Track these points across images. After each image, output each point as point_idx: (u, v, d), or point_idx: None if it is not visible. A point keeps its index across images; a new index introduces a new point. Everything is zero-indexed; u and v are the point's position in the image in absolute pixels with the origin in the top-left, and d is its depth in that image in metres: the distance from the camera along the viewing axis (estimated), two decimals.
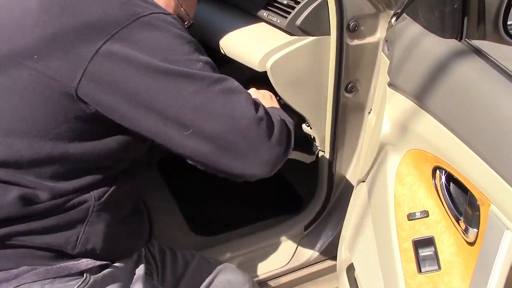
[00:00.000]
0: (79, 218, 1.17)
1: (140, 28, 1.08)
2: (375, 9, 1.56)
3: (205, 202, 2.08)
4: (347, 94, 1.66)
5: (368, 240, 1.35)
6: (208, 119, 1.07)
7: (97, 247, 1.19)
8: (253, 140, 1.10)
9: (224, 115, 1.08)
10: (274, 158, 1.12)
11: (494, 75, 0.99)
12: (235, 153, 1.10)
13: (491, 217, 0.91)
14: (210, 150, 1.10)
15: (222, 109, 1.08)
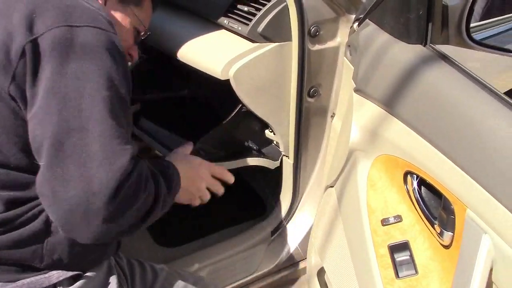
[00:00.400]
0: (41, 229, 1.12)
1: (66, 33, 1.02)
2: (335, 14, 1.57)
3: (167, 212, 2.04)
4: (310, 99, 1.66)
5: (340, 245, 1.35)
6: (63, 160, 0.99)
7: (63, 257, 1.15)
8: (90, 215, 0.99)
9: (81, 173, 0.98)
10: (100, 234, 1.03)
11: (461, 80, 1.01)
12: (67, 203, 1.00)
13: (468, 222, 0.92)
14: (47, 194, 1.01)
15: (84, 162, 0.99)
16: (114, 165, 1.01)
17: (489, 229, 0.88)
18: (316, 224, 1.55)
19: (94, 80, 1.01)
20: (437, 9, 1.11)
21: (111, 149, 1.01)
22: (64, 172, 0.99)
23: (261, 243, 1.83)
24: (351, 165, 1.26)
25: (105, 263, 1.31)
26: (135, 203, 1.06)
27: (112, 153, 1.01)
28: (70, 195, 1.00)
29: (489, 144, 0.90)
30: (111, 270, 1.31)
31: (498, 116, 0.91)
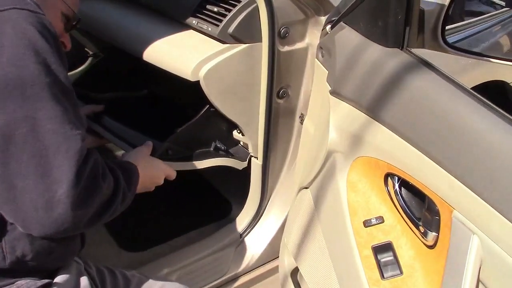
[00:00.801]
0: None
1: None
2: (304, 15, 1.58)
3: (130, 216, 1.99)
4: (279, 100, 1.67)
5: (317, 246, 1.36)
6: (19, 157, 0.95)
7: (26, 252, 1.11)
8: (53, 206, 0.97)
9: (37, 160, 0.95)
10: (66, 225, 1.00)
11: (443, 84, 1.04)
12: (28, 206, 0.97)
13: (455, 223, 0.95)
14: (3, 192, 0.97)
15: (39, 151, 0.96)
16: (70, 151, 0.98)
17: (477, 229, 0.91)
18: (289, 225, 1.55)
19: (32, 66, 0.97)
20: (415, 14, 1.13)
21: (64, 134, 0.98)
22: (19, 165, 0.96)
23: (230, 245, 1.82)
24: (330, 166, 1.27)
25: (74, 270, 1.28)
26: (95, 190, 1.04)
27: (65, 138, 0.98)
28: (29, 187, 0.96)
29: (476, 147, 0.92)
30: (81, 275, 1.28)
31: (484, 119, 0.93)
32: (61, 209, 0.97)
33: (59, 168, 0.97)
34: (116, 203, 1.14)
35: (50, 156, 0.97)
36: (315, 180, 1.36)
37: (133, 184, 1.24)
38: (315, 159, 1.38)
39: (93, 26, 1.77)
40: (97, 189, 1.05)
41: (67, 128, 0.99)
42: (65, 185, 0.97)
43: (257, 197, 1.81)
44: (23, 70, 0.96)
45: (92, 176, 1.04)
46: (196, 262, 1.77)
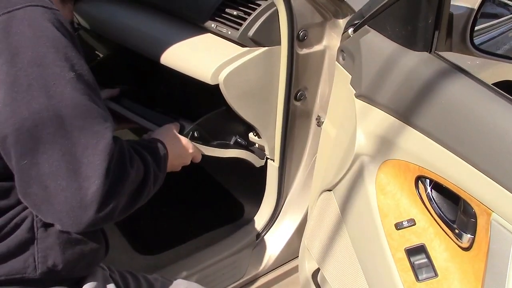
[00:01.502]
0: (28, 238, 1.08)
1: (10, 21, 0.95)
2: (323, 18, 1.59)
3: (143, 219, 1.99)
4: (296, 103, 1.67)
5: (343, 249, 1.37)
6: (49, 157, 0.95)
7: (57, 262, 1.11)
8: (87, 204, 0.97)
9: (68, 159, 0.95)
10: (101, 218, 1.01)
11: (478, 88, 1.05)
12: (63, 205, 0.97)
13: (495, 225, 0.96)
14: (39, 194, 0.98)
15: (69, 150, 0.95)
16: (99, 146, 0.98)
17: None
18: (310, 227, 1.56)
19: (55, 63, 0.96)
20: (444, 18, 1.14)
21: (92, 130, 0.98)
22: (51, 165, 0.96)
23: (247, 247, 1.83)
24: (357, 169, 1.28)
25: (101, 277, 1.28)
26: (126, 179, 1.04)
27: (94, 133, 0.98)
28: (62, 187, 0.96)
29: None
30: (108, 282, 1.28)
31: None
32: (96, 205, 0.98)
33: (90, 165, 0.97)
34: (149, 186, 1.14)
35: (80, 154, 0.97)
36: (340, 182, 1.37)
37: (162, 163, 1.24)
38: (339, 162, 1.39)
39: (108, 30, 1.77)
40: (127, 177, 1.05)
41: (94, 122, 0.99)
42: (97, 181, 0.97)
43: (273, 199, 1.82)
44: (45, 69, 0.96)
45: (120, 165, 1.03)
46: (213, 265, 1.77)
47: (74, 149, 0.96)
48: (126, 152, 1.08)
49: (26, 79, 0.94)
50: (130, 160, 1.08)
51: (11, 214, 1.06)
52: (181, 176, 1.44)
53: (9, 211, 1.07)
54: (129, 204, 1.10)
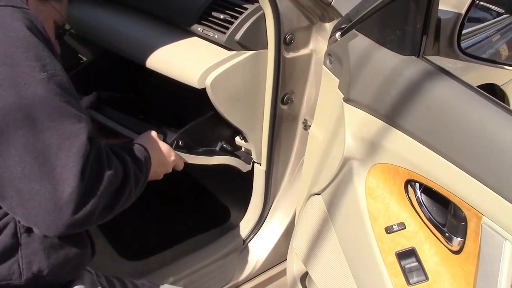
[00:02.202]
0: (11, 244, 1.06)
1: None
2: (309, 22, 1.59)
3: (128, 224, 1.98)
4: (283, 106, 1.67)
5: (331, 252, 1.38)
6: (22, 159, 0.92)
7: (43, 267, 1.09)
8: (62, 206, 0.95)
9: (41, 161, 0.93)
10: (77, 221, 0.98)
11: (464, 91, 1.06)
12: (37, 209, 0.95)
13: (485, 229, 0.97)
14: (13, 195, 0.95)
15: (42, 151, 0.93)
16: (73, 147, 0.96)
17: (510, 236, 0.93)
18: (297, 231, 1.56)
19: (25, 63, 0.94)
20: (432, 22, 1.15)
21: (65, 131, 0.96)
22: (23, 168, 0.93)
23: (234, 252, 1.82)
24: (346, 173, 1.28)
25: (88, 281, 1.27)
26: (102, 180, 1.01)
27: (67, 134, 0.96)
28: (35, 190, 0.94)
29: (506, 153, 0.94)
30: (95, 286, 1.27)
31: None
32: (71, 208, 0.95)
33: (64, 167, 0.94)
34: (129, 187, 1.12)
35: (53, 156, 0.94)
36: (329, 186, 1.37)
37: (144, 165, 1.22)
38: (327, 166, 1.39)
39: (92, 33, 1.75)
40: (104, 179, 1.02)
41: (67, 123, 0.96)
42: (72, 183, 0.94)
43: (260, 202, 1.81)
44: (15, 68, 0.93)
45: (97, 167, 1.01)
46: (200, 270, 1.76)
47: (47, 150, 0.94)
48: (103, 153, 1.05)
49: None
50: (108, 161, 1.05)
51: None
52: (166, 180, 1.43)
53: None
54: (109, 206, 1.07)
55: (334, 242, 1.36)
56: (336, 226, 1.34)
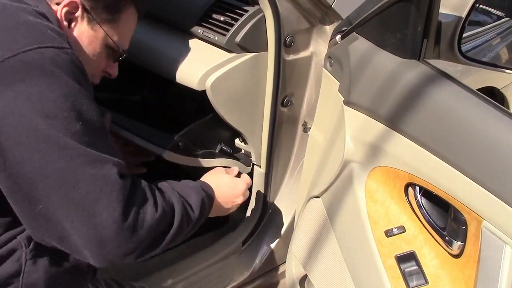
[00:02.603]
0: (13, 272, 1.06)
1: (16, 65, 0.93)
2: (309, 24, 1.59)
3: None
4: (283, 108, 1.67)
5: (330, 255, 1.37)
6: (63, 204, 0.94)
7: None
8: (104, 244, 0.97)
9: (82, 208, 0.94)
10: (124, 258, 1.01)
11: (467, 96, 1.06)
12: (80, 244, 0.98)
13: (486, 233, 0.97)
14: (56, 234, 0.98)
15: (82, 199, 0.94)
16: (113, 192, 0.96)
17: (510, 240, 0.93)
18: (297, 234, 1.55)
19: (62, 114, 0.94)
20: (433, 26, 1.15)
21: (104, 176, 0.96)
22: (66, 212, 0.95)
23: (233, 254, 1.82)
24: (346, 176, 1.28)
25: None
26: (144, 224, 1.01)
27: (106, 180, 0.97)
28: (79, 231, 0.96)
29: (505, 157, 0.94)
30: None
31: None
32: (111, 247, 0.97)
33: (105, 211, 0.96)
34: (176, 228, 1.10)
35: (94, 201, 0.95)
36: (329, 189, 1.37)
37: (200, 205, 1.19)
38: (327, 168, 1.39)
39: None
40: (147, 223, 1.02)
41: (105, 169, 0.97)
42: (112, 226, 0.96)
43: (259, 205, 1.81)
44: (53, 121, 0.93)
45: (140, 210, 1.01)
46: (199, 272, 1.76)
47: (89, 197, 0.95)
48: (149, 196, 1.05)
49: (34, 128, 0.92)
50: (155, 203, 1.06)
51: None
52: None
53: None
54: (150, 247, 1.06)
55: (333, 245, 1.36)
56: (336, 229, 1.34)
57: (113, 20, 1.20)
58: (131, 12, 1.25)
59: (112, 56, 1.26)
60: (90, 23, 1.16)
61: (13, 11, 0.99)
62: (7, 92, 0.91)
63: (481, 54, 1.49)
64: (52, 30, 1.00)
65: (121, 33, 1.24)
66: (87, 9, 1.13)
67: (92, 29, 1.17)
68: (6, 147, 0.91)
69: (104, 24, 1.18)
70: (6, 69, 0.92)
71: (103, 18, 1.17)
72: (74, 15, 1.12)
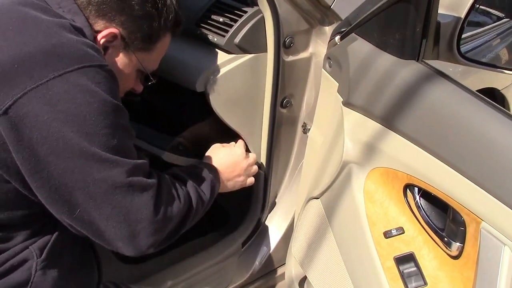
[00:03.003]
0: (21, 281, 1.07)
1: (61, 85, 0.95)
2: (308, 25, 1.59)
3: None
4: (282, 109, 1.67)
5: (329, 256, 1.37)
6: (99, 208, 1.00)
7: None
8: (136, 235, 1.04)
9: (118, 210, 1.01)
10: (151, 247, 1.09)
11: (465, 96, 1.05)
12: (114, 238, 1.04)
13: (484, 234, 0.96)
14: (91, 231, 1.04)
15: (119, 202, 1.01)
16: (145, 192, 1.04)
17: (509, 241, 0.92)
18: (296, 235, 1.55)
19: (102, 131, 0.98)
20: (432, 26, 1.15)
21: (137, 182, 1.03)
22: (102, 214, 1.01)
23: (233, 255, 1.81)
24: (345, 177, 1.28)
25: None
26: (172, 215, 1.10)
27: (138, 184, 1.03)
28: (113, 227, 1.02)
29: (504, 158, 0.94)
30: None
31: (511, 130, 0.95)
32: (143, 239, 1.05)
33: (138, 210, 1.03)
34: (193, 212, 1.21)
35: (128, 203, 1.02)
36: (328, 190, 1.36)
37: (210, 186, 1.30)
38: (326, 169, 1.38)
39: None
40: (174, 214, 1.11)
41: (137, 174, 1.03)
42: (145, 221, 1.04)
43: (259, 206, 1.81)
44: (93, 138, 0.97)
45: (168, 203, 1.10)
46: (198, 274, 1.75)
47: (124, 200, 1.01)
48: (172, 190, 1.15)
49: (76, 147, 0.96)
50: (177, 195, 1.15)
51: (9, 254, 1.06)
52: None
53: (6, 252, 1.06)
54: (177, 229, 1.16)
55: (332, 246, 1.35)
56: (335, 230, 1.34)
57: (149, 49, 1.22)
58: (167, 38, 1.26)
59: (141, 78, 1.30)
60: (125, 52, 1.17)
61: (50, 26, 0.99)
62: (53, 112, 0.94)
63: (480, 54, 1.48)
64: (92, 48, 1.02)
65: (154, 59, 1.28)
66: (124, 39, 1.14)
67: (127, 57, 1.18)
68: (48, 161, 0.95)
69: (139, 52, 1.19)
70: (52, 88, 0.94)
71: (139, 48, 1.18)
72: (112, 43, 1.13)
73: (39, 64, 0.94)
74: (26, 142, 0.93)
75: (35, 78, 0.93)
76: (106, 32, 1.10)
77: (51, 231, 1.11)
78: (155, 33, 1.19)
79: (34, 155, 0.94)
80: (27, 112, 0.92)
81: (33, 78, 0.93)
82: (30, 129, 0.93)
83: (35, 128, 0.93)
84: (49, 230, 1.11)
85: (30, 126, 0.93)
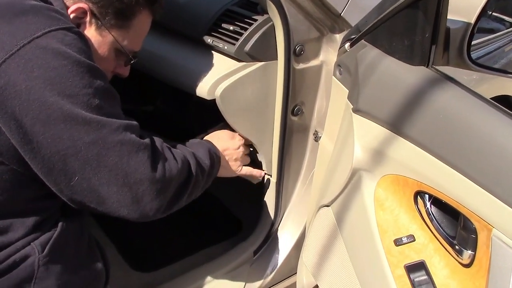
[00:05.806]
0: (25, 277, 1.07)
1: (32, 51, 0.96)
2: (319, 33, 1.58)
3: (139, 236, 1.97)
4: (293, 117, 1.66)
5: (340, 264, 1.36)
6: (97, 172, 1.01)
7: None
8: (139, 199, 1.06)
9: (115, 172, 1.02)
10: (157, 212, 1.10)
11: (475, 101, 1.04)
12: (117, 205, 1.05)
13: (496, 242, 0.95)
14: (93, 199, 1.04)
15: (115, 164, 1.02)
16: (140, 152, 1.04)
17: None
18: (307, 243, 1.54)
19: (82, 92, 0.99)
20: (441, 32, 1.14)
21: (129, 140, 1.03)
22: (100, 179, 1.02)
23: (244, 264, 1.81)
24: (355, 184, 1.27)
25: None
26: (171, 172, 1.11)
27: (132, 143, 1.04)
28: (114, 192, 1.03)
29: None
30: None
31: None
32: (147, 201, 1.06)
33: (136, 170, 1.04)
34: (194, 179, 1.21)
35: (125, 164, 1.03)
36: (338, 198, 1.35)
37: (209, 154, 1.31)
38: (337, 177, 1.37)
39: None
40: (173, 173, 1.12)
41: (128, 133, 1.04)
42: (146, 182, 1.05)
43: (271, 214, 1.80)
44: (74, 99, 0.98)
45: (165, 163, 1.11)
46: (210, 282, 1.75)
47: (120, 162, 1.02)
48: (171, 152, 1.17)
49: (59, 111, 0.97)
50: (175, 157, 1.16)
51: (10, 251, 1.05)
52: None
53: (7, 249, 1.06)
54: (178, 194, 1.16)
55: (343, 254, 1.34)
56: (345, 238, 1.33)
57: (124, 26, 1.19)
58: (144, 16, 1.24)
59: (121, 59, 1.26)
60: (98, 29, 1.16)
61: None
62: (30, 79, 0.94)
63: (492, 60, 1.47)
64: (57, 12, 1.03)
65: (132, 38, 1.24)
66: (95, 15, 1.13)
67: (101, 34, 1.17)
68: (35, 131, 0.96)
69: (114, 29, 1.18)
70: (24, 55, 0.95)
71: (113, 24, 1.17)
72: (82, 20, 1.13)
73: (6, 35, 0.96)
74: (10, 114, 0.94)
75: (6, 48, 0.95)
76: (75, 7, 1.11)
77: (53, 228, 1.11)
78: (128, 8, 1.17)
79: (20, 126, 0.95)
80: (5, 83, 0.93)
81: (3, 49, 0.95)
82: (11, 101, 0.94)
83: (16, 98, 0.94)
84: (51, 226, 1.11)
85: (11, 97, 0.94)
